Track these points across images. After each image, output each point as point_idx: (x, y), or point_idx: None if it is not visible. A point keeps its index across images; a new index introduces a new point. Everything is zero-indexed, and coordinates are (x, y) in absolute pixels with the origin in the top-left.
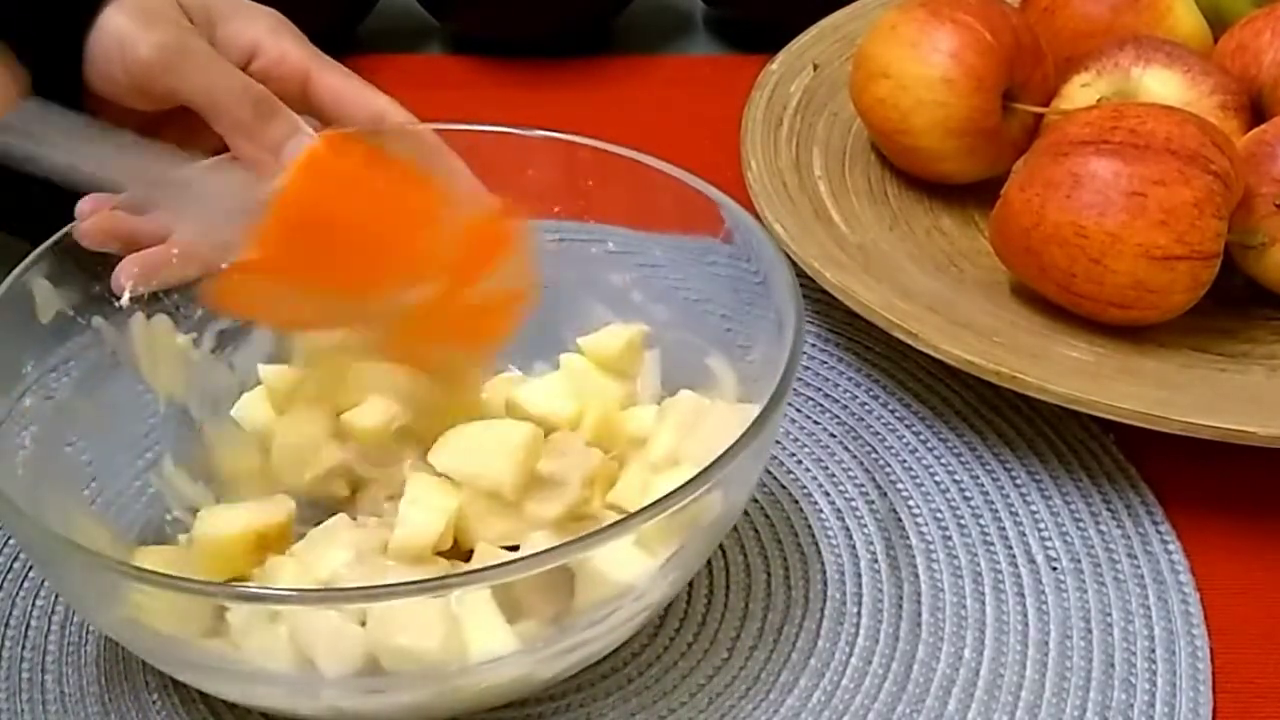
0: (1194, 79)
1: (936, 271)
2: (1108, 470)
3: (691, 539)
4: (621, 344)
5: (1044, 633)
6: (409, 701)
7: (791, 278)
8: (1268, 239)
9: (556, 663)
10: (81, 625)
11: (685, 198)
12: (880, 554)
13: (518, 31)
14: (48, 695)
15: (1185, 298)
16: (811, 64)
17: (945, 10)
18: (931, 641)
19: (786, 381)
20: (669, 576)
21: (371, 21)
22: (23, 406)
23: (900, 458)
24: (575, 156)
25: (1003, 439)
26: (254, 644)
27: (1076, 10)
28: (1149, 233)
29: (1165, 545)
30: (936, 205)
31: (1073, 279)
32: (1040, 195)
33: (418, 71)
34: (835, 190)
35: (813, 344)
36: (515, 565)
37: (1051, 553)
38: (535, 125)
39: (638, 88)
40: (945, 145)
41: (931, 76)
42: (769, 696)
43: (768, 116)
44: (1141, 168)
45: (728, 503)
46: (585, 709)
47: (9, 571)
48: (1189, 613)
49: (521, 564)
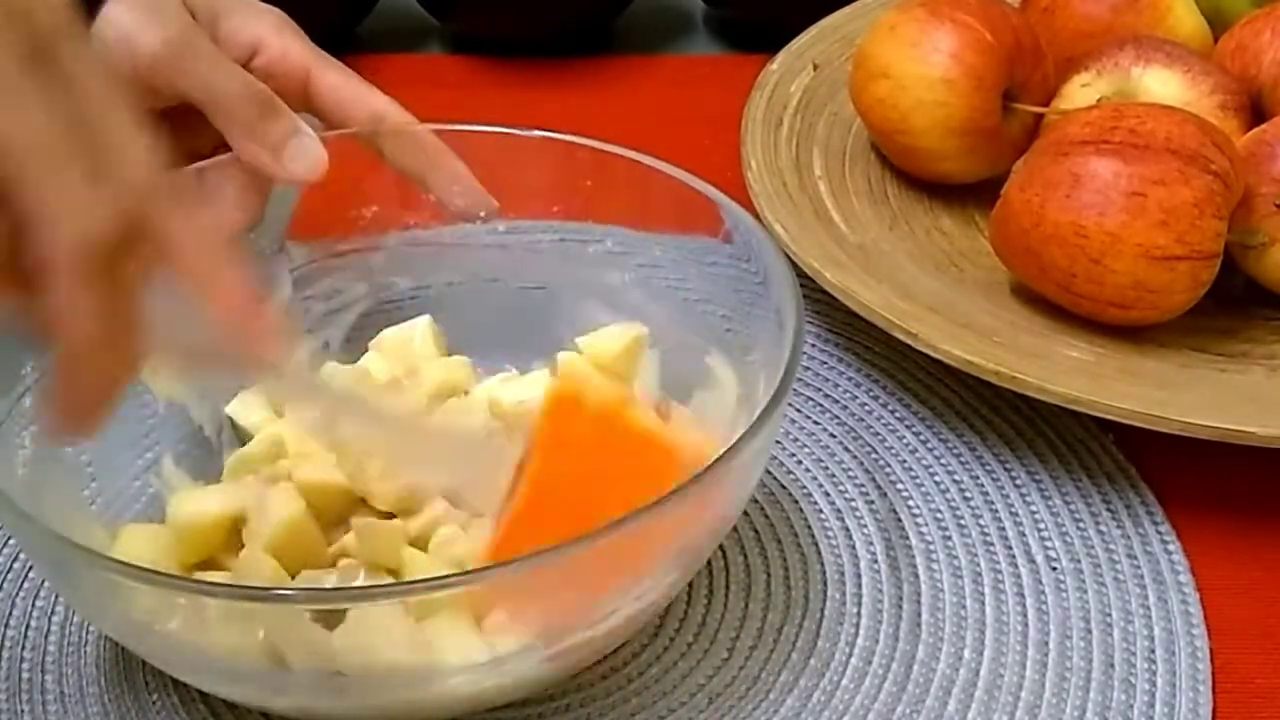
0: (1194, 79)
1: (936, 271)
2: (1108, 470)
3: (691, 539)
4: (620, 347)
5: (1044, 633)
6: (385, 702)
7: (791, 278)
8: (1268, 239)
9: (556, 662)
10: (81, 625)
11: (685, 198)
12: (880, 554)
13: (518, 31)
14: (48, 695)
15: (1185, 298)
16: (811, 64)
17: (945, 10)
18: (931, 642)
19: (786, 381)
20: (669, 577)
21: (371, 21)
22: (23, 406)
23: (900, 458)
24: (575, 157)
25: (1003, 439)
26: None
27: (1076, 10)
28: (1149, 233)
29: (1165, 545)
30: (936, 205)
31: (1073, 279)
32: (1040, 195)
33: (418, 71)
34: (835, 190)
35: (813, 344)
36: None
37: (1051, 553)
38: (535, 125)
39: (638, 88)
40: (945, 145)
41: (931, 76)
42: (769, 696)
43: (768, 116)
44: (1141, 168)
45: (728, 503)
46: (585, 709)
47: (9, 571)
48: (1189, 613)
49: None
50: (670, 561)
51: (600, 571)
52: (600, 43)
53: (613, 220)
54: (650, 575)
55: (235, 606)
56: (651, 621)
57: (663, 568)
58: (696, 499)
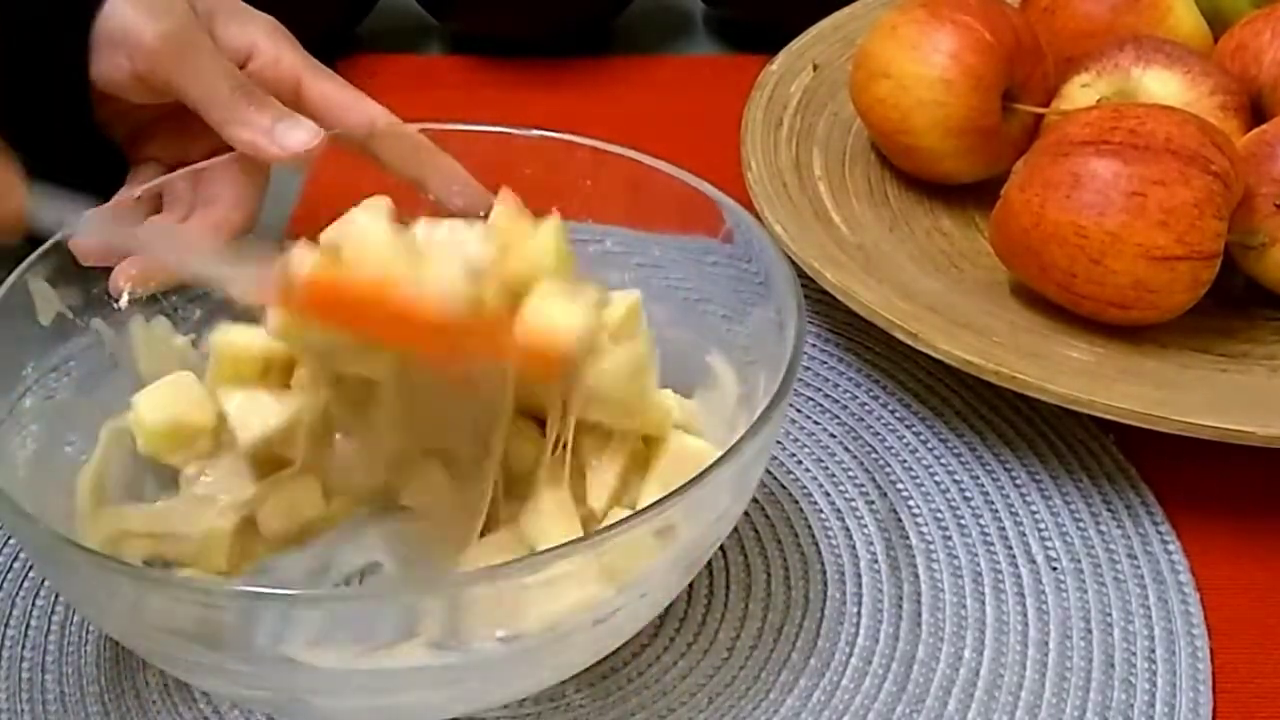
0: (1194, 79)
1: (936, 271)
2: (1108, 470)
3: (691, 539)
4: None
5: (1044, 633)
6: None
7: (792, 277)
8: (1268, 239)
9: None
10: (81, 625)
11: (685, 198)
12: (880, 554)
13: (518, 31)
14: (48, 695)
15: (1185, 298)
16: (811, 64)
17: (945, 10)
18: (931, 641)
19: (787, 381)
20: (669, 576)
21: (371, 21)
22: (23, 406)
23: (900, 458)
24: (574, 156)
25: (1003, 439)
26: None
27: (1076, 10)
28: (1149, 233)
29: (1165, 545)
30: (936, 205)
31: (1073, 279)
32: (1040, 195)
33: (417, 71)
34: (835, 190)
35: (813, 344)
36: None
37: (1051, 553)
38: (535, 125)
39: (638, 88)
40: (945, 145)
41: (931, 76)
42: (769, 696)
43: (768, 116)
44: (1141, 168)
45: (728, 503)
46: (585, 709)
47: (9, 571)
48: (1189, 613)
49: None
50: (670, 561)
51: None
52: (600, 43)
53: (612, 220)
54: (650, 575)
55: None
56: (651, 621)
57: (663, 567)
58: (696, 499)
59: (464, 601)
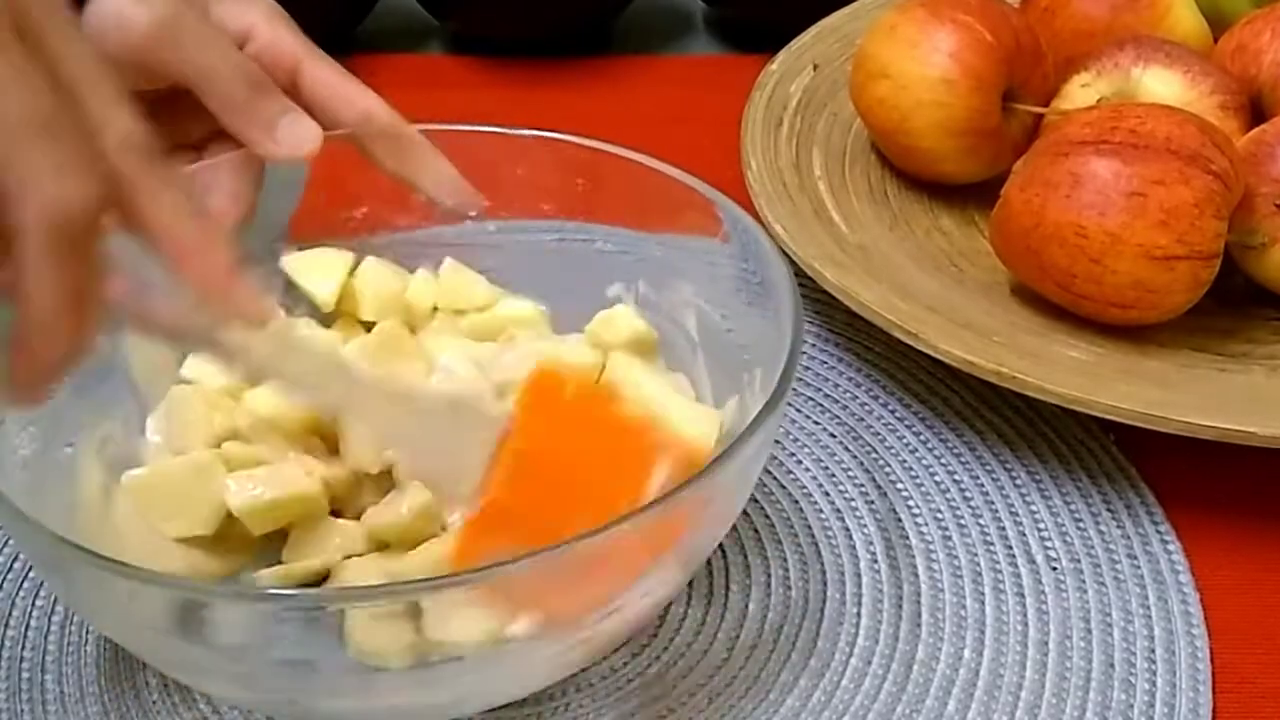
0: (1194, 79)
1: (936, 271)
2: (1108, 470)
3: (691, 538)
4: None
5: (1044, 633)
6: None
7: (791, 278)
8: (1268, 239)
9: (556, 661)
10: (81, 625)
11: (685, 198)
12: (880, 554)
13: (518, 31)
14: (48, 695)
15: (1185, 298)
16: (811, 64)
17: (945, 10)
18: (931, 641)
19: (786, 381)
20: (669, 575)
21: (371, 21)
22: None
23: (900, 458)
24: (574, 156)
25: (1003, 439)
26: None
27: (1076, 10)
28: (1149, 233)
29: (1165, 545)
30: (936, 205)
31: (1073, 279)
32: (1040, 195)
33: (418, 71)
34: (835, 190)
35: (813, 344)
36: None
37: (1051, 553)
38: (534, 125)
39: (638, 88)
40: (945, 145)
41: (931, 77)
42: (769, 696)
43: (768, 116)
44: (1141, 168)
45: (728, 502)
46: (585, 709)
47: (9, 571)
48: (1189, 613)
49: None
50: (670, 560)
51: (599, 570)
52: (600, 43)
53: (612, 220)
54: (650, 574)
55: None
56: (651, 621)
57: (663, 566)
58: (696, 499)
59: (459, 600)
